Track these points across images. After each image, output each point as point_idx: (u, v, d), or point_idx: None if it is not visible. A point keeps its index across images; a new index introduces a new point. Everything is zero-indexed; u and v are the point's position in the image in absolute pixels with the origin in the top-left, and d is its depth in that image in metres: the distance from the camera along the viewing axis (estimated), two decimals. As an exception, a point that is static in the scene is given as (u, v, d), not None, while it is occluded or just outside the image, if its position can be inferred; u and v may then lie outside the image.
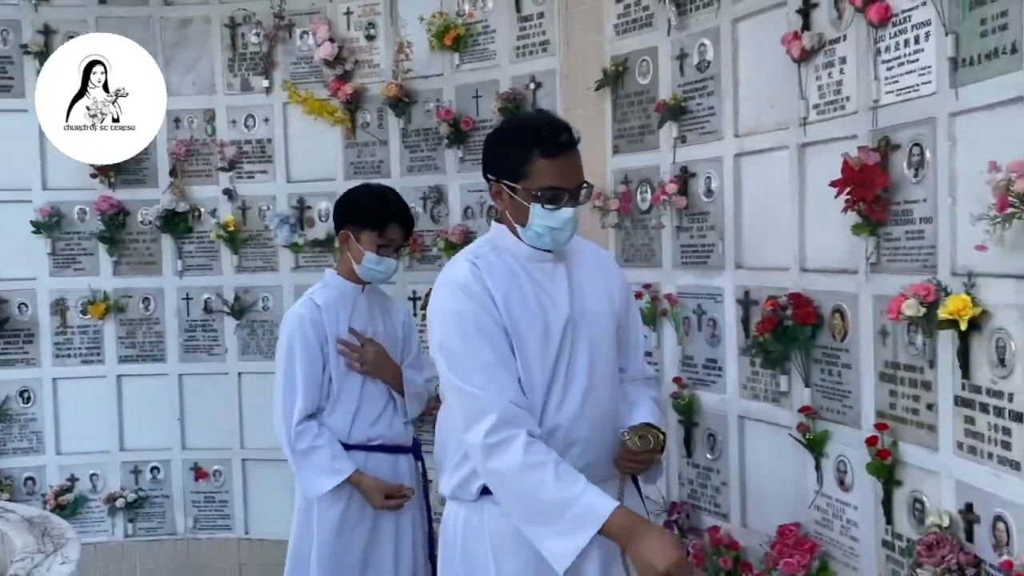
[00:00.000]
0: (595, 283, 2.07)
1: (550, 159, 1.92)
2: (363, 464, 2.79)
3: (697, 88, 3.10)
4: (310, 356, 2.78)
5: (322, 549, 2.82)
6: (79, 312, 4.38)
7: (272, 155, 4.33)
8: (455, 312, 1.93)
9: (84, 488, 4.42)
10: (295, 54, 4.29)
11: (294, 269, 4.33)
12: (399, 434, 2.91)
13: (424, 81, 4.06)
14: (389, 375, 2.87)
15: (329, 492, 2.74)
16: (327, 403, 2.82)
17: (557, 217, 1.94)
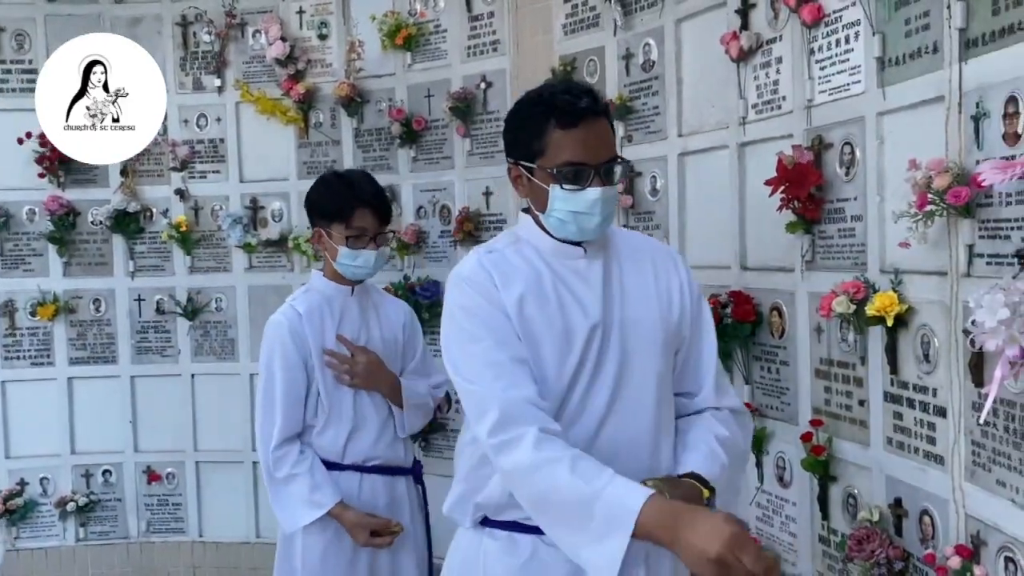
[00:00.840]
0: (643, 284, 1.74)
1: (568, 130, 1.63)
2: (357, 487, 2.53)
3: (642, 88, 3.11)
4: (290, 371, 2.50)
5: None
6: (28, 314, 4.32)
7: (225, 155, 4.29)
8: (459, 307, 1.69)
9: (34, 492, 4.36)
10: (247, 53, 4.25)
11: (247, 270, 4.30)
12: (399, 454, 2.64)
13: (376, 80, 4.04)
14: (385, 387, 2.56)
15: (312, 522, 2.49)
16: (317, 420, 2.53)
17: (581, 199, 1.63)
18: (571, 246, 1.71)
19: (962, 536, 1.89)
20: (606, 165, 1.67)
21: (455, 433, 3.88)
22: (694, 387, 1.78)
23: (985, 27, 1.78)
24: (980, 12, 1.79)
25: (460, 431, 1.83)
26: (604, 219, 1.67)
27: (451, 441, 3.91)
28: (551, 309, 1.67)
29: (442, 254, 3.91)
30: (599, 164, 1.65)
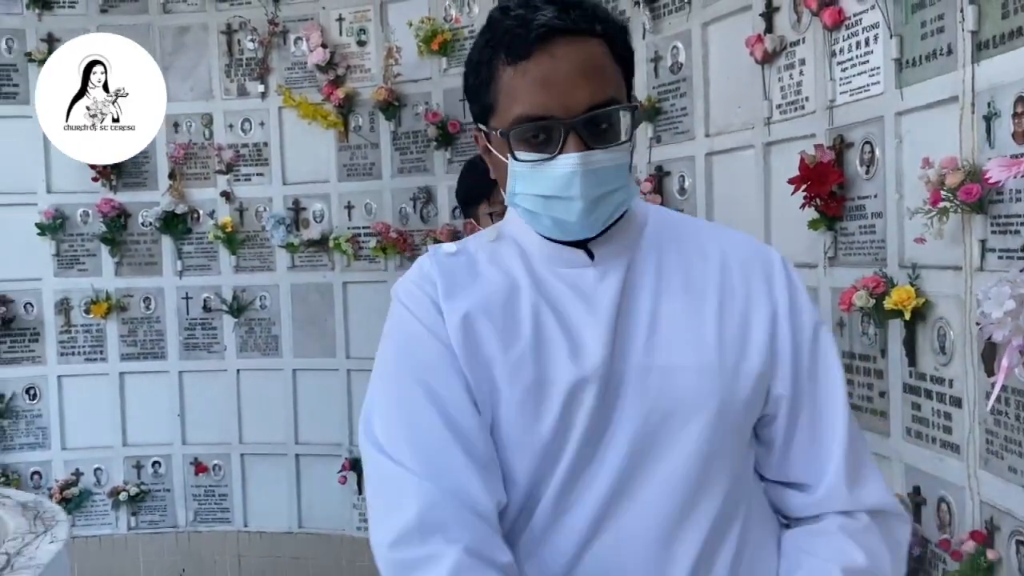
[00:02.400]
0: (694, 311, 1.10)
1: (518, 64, 1.04)
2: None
3: (671, 90, 3.20)
4: None
5: None
6: (82, 311, 4.52)
7: (268, 158, 4.46)
8: (389, 339, 1.19)
9: (88, 482, 4.56)
10: (289, 60, 4.41)
11: (290, 268, 4.45)
12: None
13: (413, 85, 4.17)
14: None
15: None
16: None
17: (547, 176, 1.04)
18: (571, 248, 1.12)
19: (977, 522, 1.95)
20: (587, 116, 1.03)
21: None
22: (808, 477, 1.12)
23: (995, 30, 1.84)
24: (991, 15, 1.85)
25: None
26: (593, 204, 1.05)
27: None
28: (519, 344, 1.08)
29: (477, 253, 4.03)
30: (573, 116, 1.03)
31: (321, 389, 4.45)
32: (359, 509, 4.38)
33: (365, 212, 4.31)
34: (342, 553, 4.40)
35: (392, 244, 4.16)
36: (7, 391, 4.48)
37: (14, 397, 4.49)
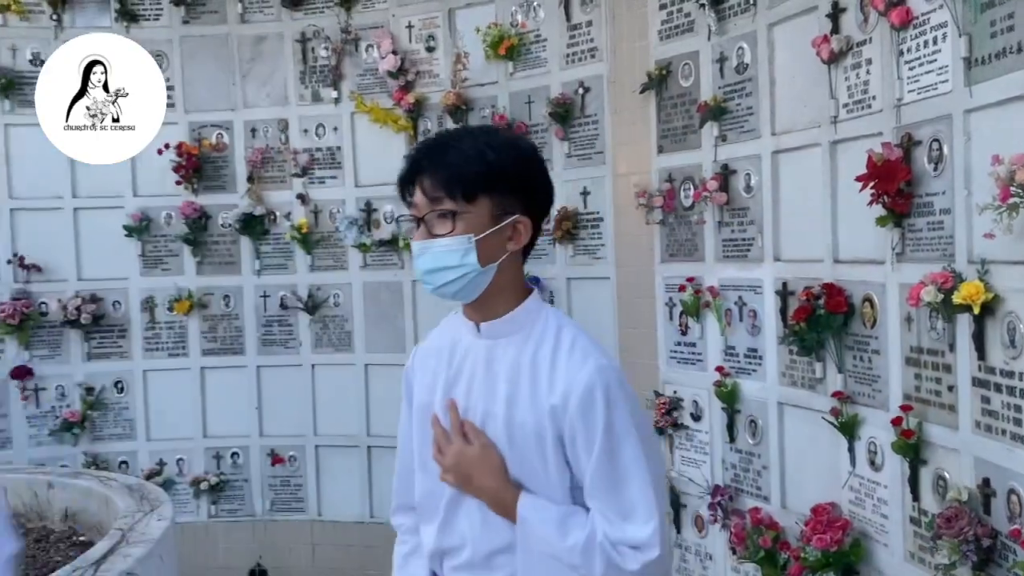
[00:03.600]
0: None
1: None
2: None
3: (736, 89, 3.25)
4: (400, 425, 1.90)
5: None
6: (166, 309, 4.75)
7: (341, 161, 4.63)
8: None
9: (171, 472, 4.79)
10: (361, 66, 4.57)
11: (362, 268, 4.62)
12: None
13: (480, 89, 4.29)
14: (487, 495, 1.55)
15: None
16: None
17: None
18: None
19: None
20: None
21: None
22: None
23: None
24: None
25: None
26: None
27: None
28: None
29: (541, 252, 4.13)
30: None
31: (391, 383, 4.56)
32: (428, 500, 4.51)
33: (434, 212, 4.44)
34: (412, 543, 4.54)
35: (460, 243, 4.28)
36: (97, 385, 4.73)
37: (103, 390, 4.74)
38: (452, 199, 1.45)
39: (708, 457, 3.46)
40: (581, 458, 1.46)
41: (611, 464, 1.45)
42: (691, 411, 3.53)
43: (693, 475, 3.51)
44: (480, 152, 1.47)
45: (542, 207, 1.57)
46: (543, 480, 1.49)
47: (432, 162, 1.48)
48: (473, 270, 1.46)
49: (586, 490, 1.47)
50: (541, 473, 1.49)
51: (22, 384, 4.62)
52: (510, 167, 1.49)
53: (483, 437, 1.51)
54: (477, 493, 1.52)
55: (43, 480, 2.60)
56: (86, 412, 4.69)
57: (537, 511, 1.47)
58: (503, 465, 1.50)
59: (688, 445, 3.55)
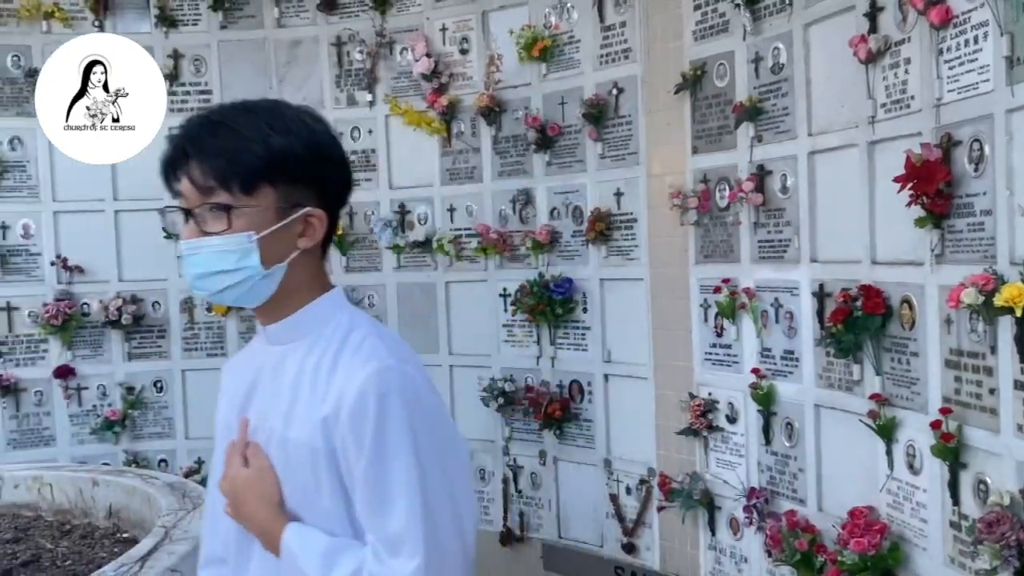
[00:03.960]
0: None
1: None
2: None
3: (772, 90, 3.23)
4: None
5: None
6: (204, 310, 4.82)
7: (376, 164, 4.67)
8: None
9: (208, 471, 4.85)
10: (395, 69, 4.61)
11: (396, 269, 4.65)
12: None
13: (513, 91, 4.31)
14: (255, 525, 1.36)
15: None
16: None
17: None
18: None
19: (1093, 519, 1.95)
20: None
21: (589, 423, 4.10)
22: None
23: (1111, 26, 1.84)
24: (1107, 12, 1.86)
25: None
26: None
27: (584, 430, 4.13)
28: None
29: (575, 252, 4.13)
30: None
31: (425, 384, 4.62)
32: (462, 500, 4.54)
33: (467, 214, 4.48)
34: (445, 542, 4.57)
35: (492, 245, 4.30)
36: (137, 384, 4.82)
37: (143, 390, 4.83)
38: (227, 191, 1.23)
39: (743, 459, 3.44)
40: (353, 478, 1.24)
41: (378, 486, 1.21)
42: (726, 413, 3.52)
43: (728, 477, 3.50)
44: (262, 135, 1.24)
45: (338, 197, 1.35)
46: (319, 507, 1.26)
47: (202, 146, 1.24)
48: (255, 273, 1.26)
49: (358, 517, 1.25)
50: (316, 498, 1.26)
51: (65, 383, 4.71)
52: (299, 152, 1.26)
53: (262, 459, 1.29)
54: (248, 524, 1.30)
55: (87, 478, 2.66)
56: (127, 411, 4.77)
57: (304, 544, 1.24)
58: (275, 491, 1.28)
59: (723, 447, 3.54)
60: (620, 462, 4.03)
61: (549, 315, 4.10)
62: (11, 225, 4.66)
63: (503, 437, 4.41)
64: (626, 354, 4.00)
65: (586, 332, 4.12)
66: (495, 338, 4.42)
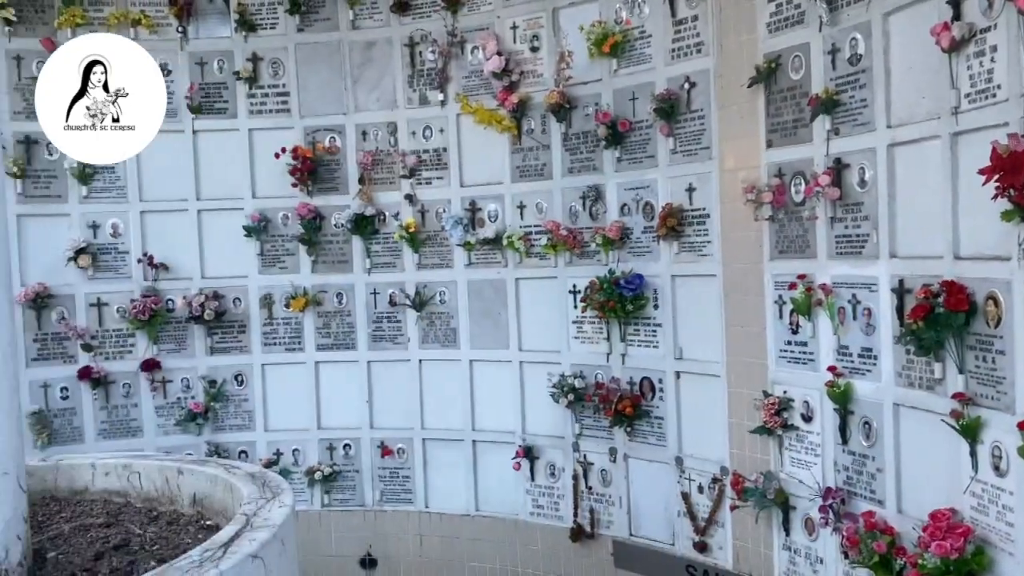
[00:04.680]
0: None
1: None
2: None
3: (849, 81, 3.16)
4: None
5: None
6: (283, 306, 4.96)
7: (447, 162, 4.73)
8: None
9: (287, 462, 5.00)
10: (467, 68, 4.66)
11: (467, 266, 4.70)
12: None
13: (584, 87, 4.30)
14: None
15: None
16: None
17: None
18: None
19: None
20: None
21: (660, 421, 4.07)
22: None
23: None
24: None
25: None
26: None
27: (655, 427, 4.10)
28: None
29: (645, 249, 4.11)
30: None
31: (495, 379, 4.67)
32: (531, 495, 4.57)
33: (536, 211, 4.50)
34: (516, 537, 4.61)
35: (562, 241, 4.31)
36: (219, 378, 4.98)
37: (224, 383, 4.99)
38: None
39: (819, 459, 3.37)
40: None
41: None
42: (802, 412, 3.45)
43: (803, 477, 3.43)
44: None
45: None
46: None
47: None
48: None
49: None
50: None
51: (151, 376, 4.91)
52: None
53: None
54: None
55: (173, 467, 2.76)
56: (209, 403, 4.94)
57: None
58: None
59: (798, 447, 3.47)
60: (692, 460, 4.00)
61: (619, 312, 4.09)
62: (101, 224, 4.87)
63: (573, 434, 4.42)
64: (698, 351, 3.96)
65: (657, 329, 4.10)
66: (565, 335, 4.43)
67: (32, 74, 4.69)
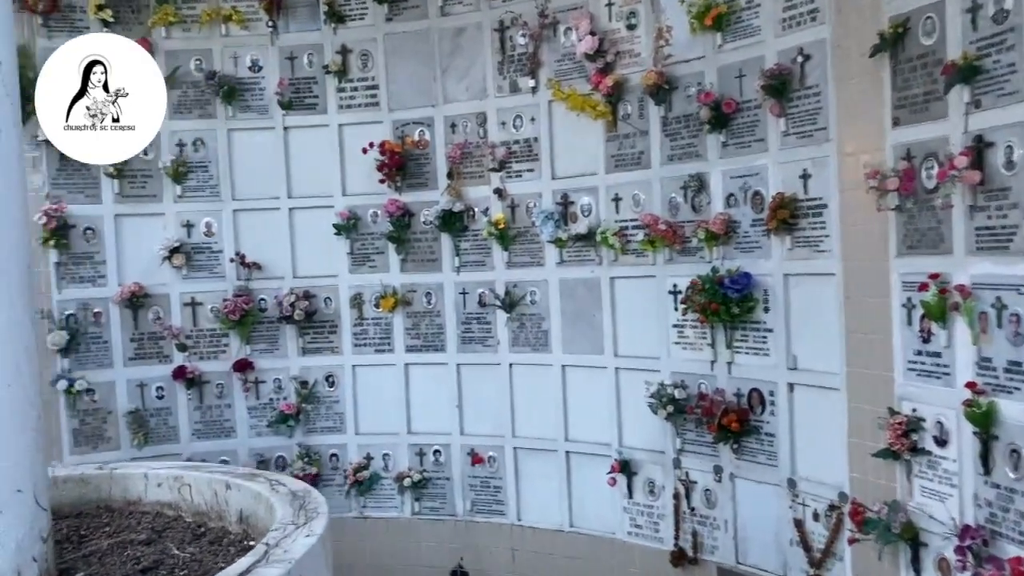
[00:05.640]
0: None
1: None
2: None
3: (993, 43, 2.64)
4: None
5: None
6: (373, 306, 4.80)
7: (538, 153, 4.42)
8: None
9: (378, 466, 4.84)
10: (559, 51, 4.34)
11: (559, 264, 4.39)
12: None
13: (685, 65, 3.90)
14: None
15: None
16: None
17: None
18: None
19: None
20: None
21: (770, 438, 3.64)
22: None
23: None
24: None
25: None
26: None
27: (765, 445, 3.67)
28: None
29: (754, 244, 3.67)
30: None
31: (589, 386, 4.34)
32: (629, 513, 4.21)
33: (633, 204, 4.12)
34: (613, 557, 4.26)
35: (661, 237, 3.93)
36: (310, 379, 4.88)
37: (316, 384, 4.88)
38: None
39: (956, 490, 2.86)
40: None
41: None
42: (934, 434, 2.95)
43: (936, 511, 2.93)
44: None
45: None
46: None
47: None
48: None
49: None
50: None
51: (243, 376, 4.86)
52: None
53: None
54: None
55: (222, 480, 2.61)
56: (300, 405, 4.85)
57: None
58: None
59: (930, 474, 2.97)
60: (806, 483, 3.54)
61: (724, 315, 3.67)
62: (195, 224, 4.85)
63: (674, 449, 4.03)
64: (814, 361, 3.49)
65: (768, 334, 3.65)
66: (664, 340, 4.04)
67: (129, 75, 4.73)
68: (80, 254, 4.72)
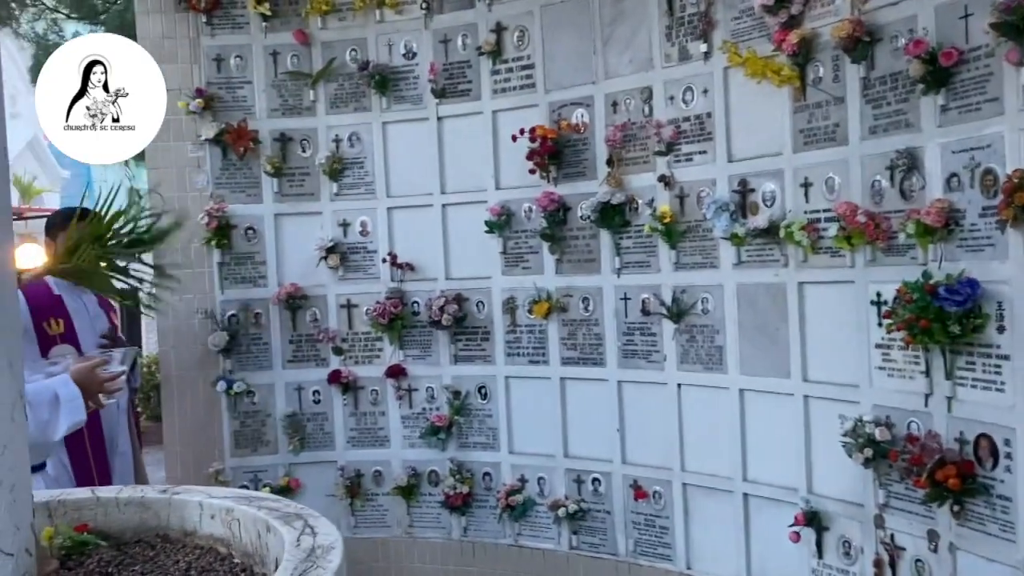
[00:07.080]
0: None
1: None
2: None
3: None
4: None
5: None
6: (526, 311, 4.30)
7: (712, 131, 3.68)
8: None
9: (532, 491, 4.34)
10: (736, 7, 3.57)
11: (736, 265, 3.62)
12: None
13: (891, 10, 3.00)
14: None
15: None
16: None
17: None
18: None
19: None
20: None
21: (1006, 503, 2.69)
22: None
23: None
24: None
25: None
26: None
27: (998, 511, 2.71)
28: None
29: (984, 241, 2.72)
30: None
31: (772, 416, 3.54)
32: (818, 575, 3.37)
33: (826, 190, 3.27)
34: (799, 628, 3.44)
35: (859, 231, 3.06)
36: (463, 389, 4.49)
37: (468, 395, 4.48)
38: None
39: None
40: None
41: None
42: None
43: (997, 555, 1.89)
44: None
45: None
46: None
47: None
48: None
49: None
50: None
51: (397, 383, 4.57)
52: None
53: None
54: None
55: (264, 520, 2.23)
56: (452, 417, 4.47)
57: None
58: None
59: None
60: (1059, 571, 2.55)
61: (938, 334, 2.76)
62: (351, 222, 4.63)
63: (876, 503, 3.15)
64: (1073, 401, 2.50)
65: (1002, 362, 2.69)
66: (865, 363, 3.16)
67: (286, 68, 4.60)
68: (242, 254, 4.66)
